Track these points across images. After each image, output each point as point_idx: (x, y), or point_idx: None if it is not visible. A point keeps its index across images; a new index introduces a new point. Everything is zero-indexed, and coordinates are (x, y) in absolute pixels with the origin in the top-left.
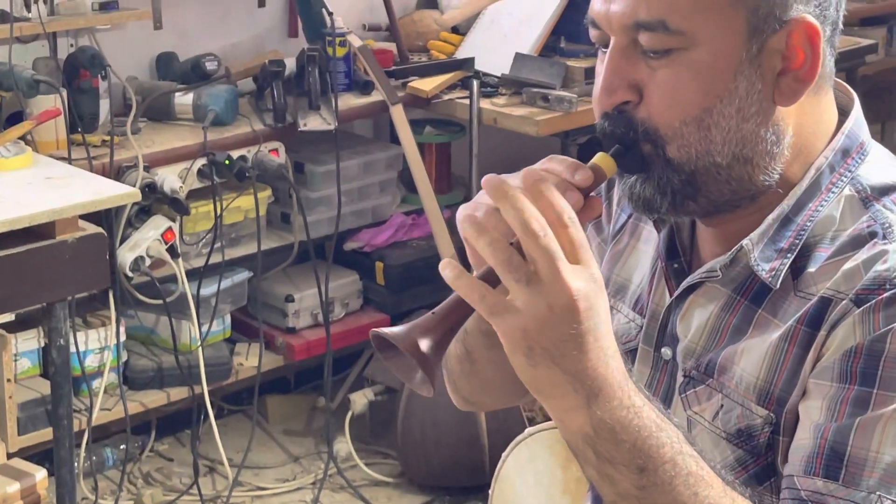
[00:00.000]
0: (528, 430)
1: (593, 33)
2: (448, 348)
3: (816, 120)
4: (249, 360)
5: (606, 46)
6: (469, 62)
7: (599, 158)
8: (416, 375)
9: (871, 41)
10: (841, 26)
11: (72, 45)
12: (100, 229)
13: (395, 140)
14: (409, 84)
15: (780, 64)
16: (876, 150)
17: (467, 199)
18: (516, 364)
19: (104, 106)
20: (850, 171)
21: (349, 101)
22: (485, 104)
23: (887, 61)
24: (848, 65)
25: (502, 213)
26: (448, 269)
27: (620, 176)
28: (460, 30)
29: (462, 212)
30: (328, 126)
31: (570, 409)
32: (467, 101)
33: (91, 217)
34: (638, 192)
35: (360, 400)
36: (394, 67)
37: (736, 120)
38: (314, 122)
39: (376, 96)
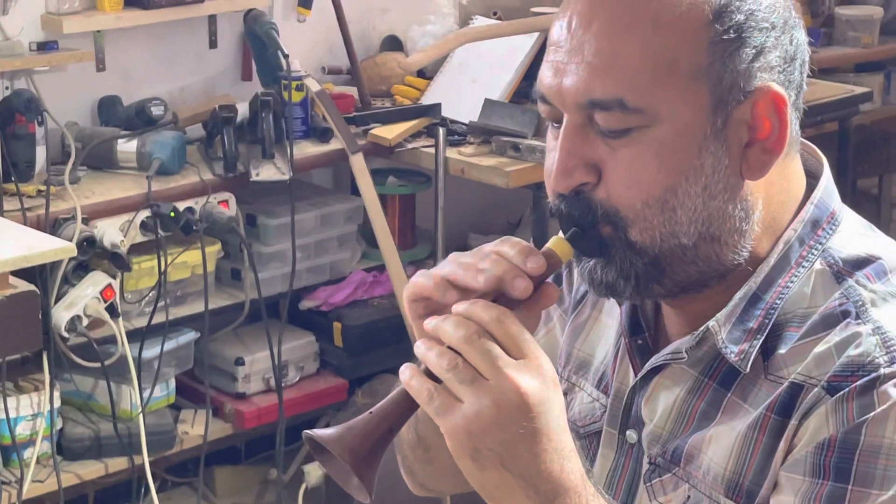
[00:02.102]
0: None
1: (543, 108)
2: (400, 434)
3: (784, 189)
4: (195, 429)
5: (557, 122)
6: (435, 108)
7: (554, 243)
8: (353, 480)
9: (866, 89)
10: (805, 87)
11: (7, 88)
12: (33, 287)
13: (355, 191)
14: (371, 131)
15: (747, 135)
16: (848, 219)
17: (432, 254)
18: (464, 468)
19: (40, 153)
20: (820, 244)
21: (306, 149)
22: (451, 153)
23: (884, 110)
24: (841, 113)
25: (442, 339)
26: (407, 370)
27: (578, 259)
28: (426, 73)
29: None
30: (283, 176)
31: None
32: (433, 150)
33: (24, 273)
34: (600, 276)
35: (316, 472)
36: (354, 113)
37: (702, 198)
38: (268, 172)
39: (335, 144)
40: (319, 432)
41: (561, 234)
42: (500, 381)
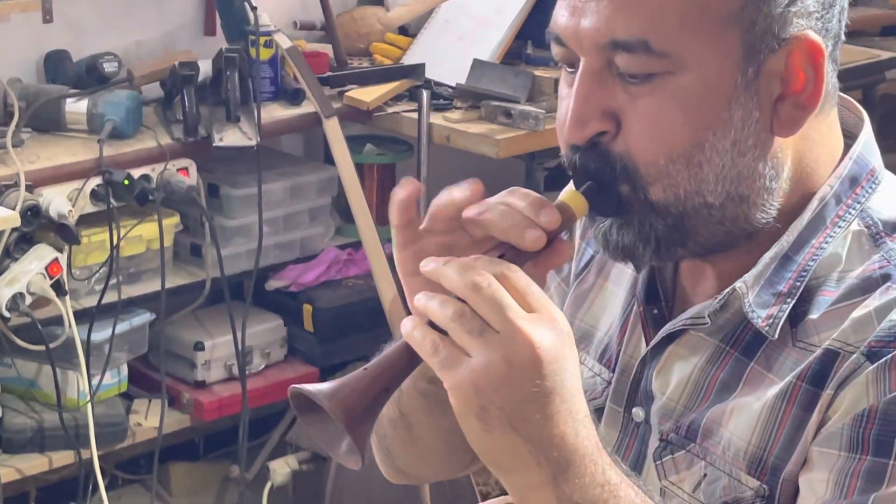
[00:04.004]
0: None
1: (557, 51)
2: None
3: (819, 144)
4: (149, 420)
5: (572, 66)
6: (418, 69)
7: (569, 196)
8: (342, 444)
9: (892, 54)
10: (843, 37)
11: None
12: None
13: (328, 160)
14: (347, 94)
15: (779, 88)
16: (889, 179)
17: None
18: (468, 429)
19: None
20: (858, 203)
21: (275, 112)
22: (436, 119)
23: None
24: (864, 81)
25: (442, 284)
26: (408, 322)
27: (591, 218)
28: (409, 31)
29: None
30: (249, 141)
31: (532, 486)
32: (415, 116)
33: None
34: (616, 239)
35: (282, 469)
36: (329, 74)
37: (731, 155)
38: (232, 137)
39: (307, 107)
40: (309, 387)
41: (572, 186)
42: (511, 334)
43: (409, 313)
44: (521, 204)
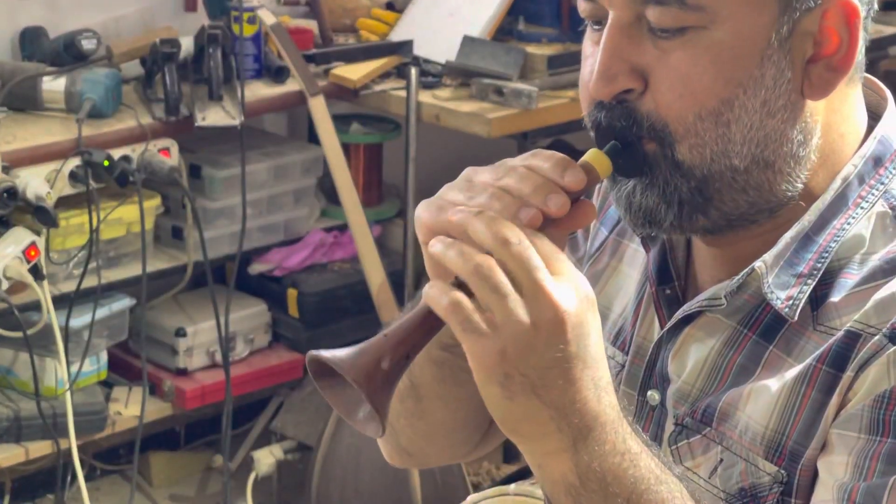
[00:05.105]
0: (471, 497)
1: (584, 6)
2: None
3: (845, 119)
4: (129, 409)
5: (598, 23)
6: (406, 46)
7: (592, 156)
8: (361, 411)
9: (895, 30)
10: (875, 7)
11: None
12: None
13: (313, 139)
14: (333, 71)
15: (811, 49)
16: None
17: (402, 212)
18: (489, 396)
19: None
20: (882, 184)
21: (258, 90)
22: (425, 97)
23: None
24: (867, 58)
25: (469, 234)
26: (429, 285)
27: (613, 180)
28: (396, 6)
29: (422, 219)
30: (232, 121)
31: (551, 452)
32: (404, 94)
33: None
34: (638, 200)
35: (266, 459)
36: (314, 51)
37: (760, 115)
38: (215, 116)
39: (292, 85)
40: (327, 353)
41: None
42: (537, 296)
43: (398, 298)
44: (544, 166)
